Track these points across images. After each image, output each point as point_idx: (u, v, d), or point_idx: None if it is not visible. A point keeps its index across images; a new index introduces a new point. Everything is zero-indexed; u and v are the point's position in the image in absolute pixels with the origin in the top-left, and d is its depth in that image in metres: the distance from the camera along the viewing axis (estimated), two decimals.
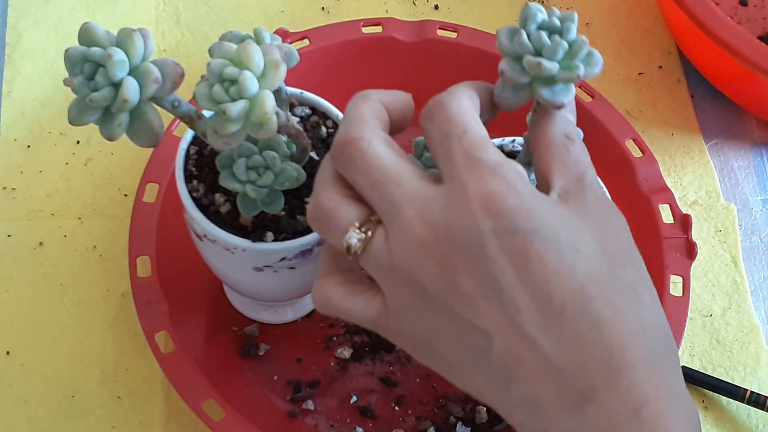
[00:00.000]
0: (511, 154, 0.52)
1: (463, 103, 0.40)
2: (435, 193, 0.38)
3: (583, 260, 0.37)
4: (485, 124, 0.41)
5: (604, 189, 0.49)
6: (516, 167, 0.39)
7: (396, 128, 0.42)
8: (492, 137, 0.52)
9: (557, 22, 0.40)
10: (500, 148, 0.52)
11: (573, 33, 0.40)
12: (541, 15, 0.40)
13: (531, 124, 0.43)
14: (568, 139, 0.41)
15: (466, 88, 0.41)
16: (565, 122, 0.42)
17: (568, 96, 0.40)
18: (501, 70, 0.41)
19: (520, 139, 0.51)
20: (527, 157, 0.46)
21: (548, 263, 0.37)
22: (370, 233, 0.39)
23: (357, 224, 0.39)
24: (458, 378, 0.40)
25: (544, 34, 0.40)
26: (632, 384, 0.36)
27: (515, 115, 0.63)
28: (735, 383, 0.61)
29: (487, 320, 0.37)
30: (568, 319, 0.36)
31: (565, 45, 0.39)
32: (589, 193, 0.39)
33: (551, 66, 0.39)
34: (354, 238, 0.39)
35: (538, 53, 0.40)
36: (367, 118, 0.40)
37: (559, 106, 0.41)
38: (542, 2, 0.76)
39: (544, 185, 0.40)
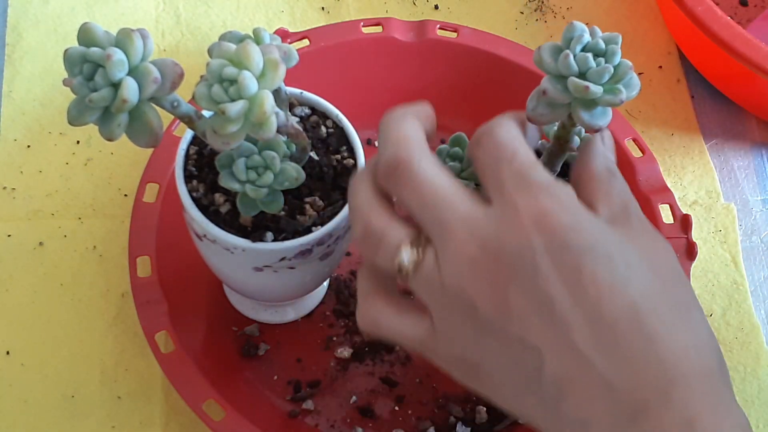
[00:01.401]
0: None
1: (512, 129, 0.40)
2: (485, 213, 0.38)
3: (635, 278, 0.37)
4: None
5: None
6: (567, 188, 0.39)
7: (428, 140, 0.42)
8: None
9: (602, 45, 0.40)
10: None
11: (618, 56, 0.40)
12: (587, 36, 0.40)
13: (575, 158, 0.43)
14: (610, 173, 0.41)
15: (512, 117, 0.42)
16: (606, 158, 0.42)
17: (605, 119, 0.41)
18: (543, 89, 0.41)
19: None
20: (546, 168, 0.46)
21: (601, 280, 0.37)
22: (421, 253, 0.39)
23: (408, 243, 0.39)
24: (507, 400, 0.40)
25: (590, 57, 0.39)
26: (685, 398, 0.36)
27: None
28: (735, 383, 0.61)
29: (538, 337, 0.37)
30: (621, 335, 0.36)
31: (611, 69, 0.39)
32: (635, 219, 0.40)
33: (597, 90, 0.39)
34: (406, 257, 0.39)
35: (582, 75, 0.40)
36: (413, 138, 0.40)
37: (597, 129, 0.41)
38: (542, 3, 0.76)
39: None
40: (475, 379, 0.40)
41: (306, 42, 0.66)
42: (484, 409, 0.58)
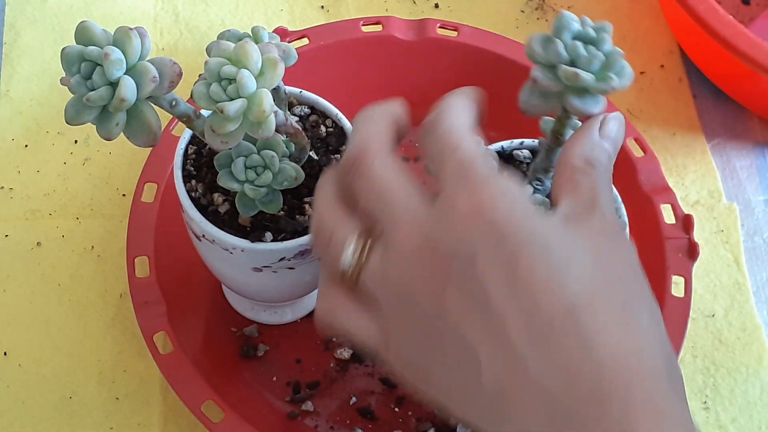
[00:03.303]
0: (515, 158, 0.52)
1: (458, 118, 0.39)
2: (430, 207, 0.38)
3: (575, 275, 0.35)
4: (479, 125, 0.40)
5: (626, 221, 0.48)
6: (509, 181, 0.38)
7: (399, 138, 0.42)
8: (500, 139, 0.51)
9: (592, 33, 0.40)
10: (507, 151, 0.51)
11: (609, 44, 0.39)
12: (576, 25, 0.40)
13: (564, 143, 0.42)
14: (588, 164, 0.40)
15: (459, 100, 0.41)
16: (593, 146, 0.40)
17: (597, 106, 0.40)
18: (534, 77, 0.40)
19: (528, 141, 0.51)
20: (544, 164, 0.45)
21: (537, 276, 0.35)
22: (368, 247, 0.38)
23: (356, 238, 0.39)
24: (459, 408, 0.38)
25: (579, 45, 0.39)
26: (624, 409, 0.34)
27: (524, 118, 0.62)
28: (738, 384, 0.60)
29: (476, 335, 0.35)
30: (557, 336, 0.35)
31: (602, 56, 0.39)
32: (597, 216, 0.38)
33: (587, 77, 0.39)
34: (349, 253, 0.38)
35: (572, 63, 0.39)
36: (374, 135, 0.40)
37: (589, 116, 0.40)
38: (542, 2, 0.76)
39: (554, 205, 0.39)
40: (428, 385, 0.38)
41: (305, 41, 0.65)
42: None
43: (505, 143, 0.52)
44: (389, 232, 0.38)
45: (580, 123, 0.46)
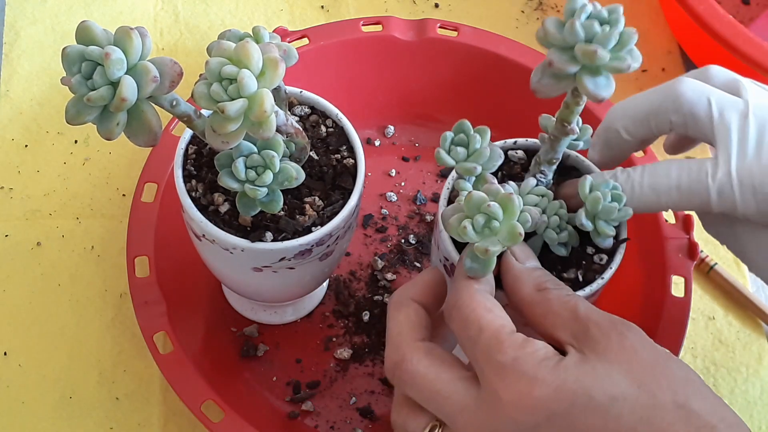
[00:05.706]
0: (510, 158, 0.52)
1: (474, 297, 0.42)
2: (476, 400, 0.40)
3: (624, 405, 0.38)
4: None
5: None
6: (531, 356, 0.39)
7: (436, 307, 0.45)
8: (497, 138, 0.51)
9: (605, 13, 0.40)
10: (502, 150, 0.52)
11: (622, 24, 0.40)
12: (590, 6, 0.40)
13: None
14: (565, 297, 0.42)
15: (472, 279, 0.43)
16: (535, 277, 0.43)
17: (609, 90, 0.41)
18: (549, 60, 0.41)
19: (522, 141, 0.51)
20: (548, 156, 0.47)
21: (595, 428, 0.38)
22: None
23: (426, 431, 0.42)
24: None
25: (596, 23, 0.40)
26: None
27: (520, 117, 0.62)
28: (738, 384, 0.60)
29: None
30: None
31: (617, 34, 0.40)
32: (613, 337, 0.40)
33: (604, 54, 0.39)
34: None
35: (588, 42, 0.40)
36: (405, 333, 0.43)
37: (601, 100, 0.41)
38: (541, 2, 0.76)
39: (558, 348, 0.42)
40: None
41: (305, 41, 0.65)
42: None
43: (499, 143, 0.52)
44: (450, 427, 0.41)
45: (580, 121, 0.46)
